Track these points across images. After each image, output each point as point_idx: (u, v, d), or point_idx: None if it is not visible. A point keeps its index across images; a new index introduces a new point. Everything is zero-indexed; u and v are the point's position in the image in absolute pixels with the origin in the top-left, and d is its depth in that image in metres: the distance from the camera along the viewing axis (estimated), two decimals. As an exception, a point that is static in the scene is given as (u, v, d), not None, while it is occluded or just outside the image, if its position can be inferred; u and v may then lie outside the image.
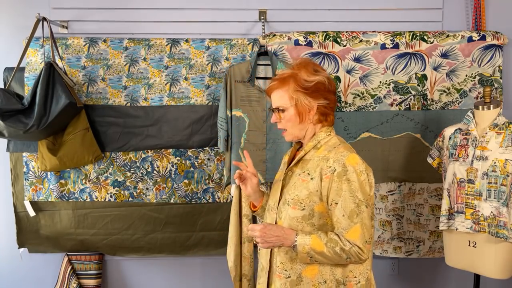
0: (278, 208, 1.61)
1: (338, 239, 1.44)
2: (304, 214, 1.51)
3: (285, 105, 1.57)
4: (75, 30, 2.63)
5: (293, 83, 1.54)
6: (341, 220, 1.45)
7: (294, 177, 1.59)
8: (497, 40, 2.54)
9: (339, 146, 1.54)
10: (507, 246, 1.97)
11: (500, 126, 2.02)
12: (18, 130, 2.29)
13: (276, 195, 1.63)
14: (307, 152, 1.59)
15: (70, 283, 2.64)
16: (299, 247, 1.46)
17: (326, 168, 1.48)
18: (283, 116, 1.58)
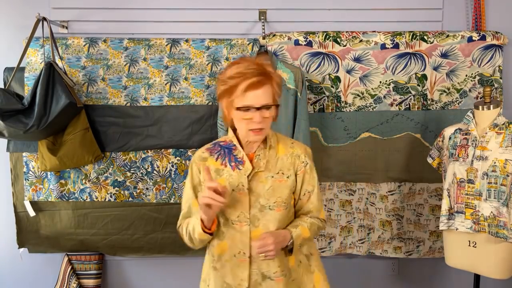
0: (251, 217, 1.50)
1: (314, 221, 1.60)
2: (287, 211, 1.57)
3: (272, 102, 1.46)
4: (75, 30, 2.63)
5: (274, 80, 1.46)
6: (317, 204, 1.61)
7: (266, 181, 1.51)
8: (497, 40, 2.54)
9: (289, 138, 1.69)
10: (507, 246, 1.97)
11: (500, 126, 2.02)
12: (18, 130, 2.29)
13: (242, 206, 1.50)
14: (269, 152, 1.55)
15: (70, 283, 2.64)
16: (295, 242, 1.52)
17: (300, 164, 1.57)
18: (269, 114, 1.45)
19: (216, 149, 1.57)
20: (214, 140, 1.64)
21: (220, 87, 1.45)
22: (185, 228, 1.54)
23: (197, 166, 1.55)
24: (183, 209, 1.59)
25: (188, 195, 1.58)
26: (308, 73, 2.58)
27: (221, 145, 1.58)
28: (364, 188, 2.66)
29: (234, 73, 1.41)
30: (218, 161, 1.54)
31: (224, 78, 1.44)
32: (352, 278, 2.84)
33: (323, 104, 2.61)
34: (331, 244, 2.70)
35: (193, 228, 1.47)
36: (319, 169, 2.62)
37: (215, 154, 1.56)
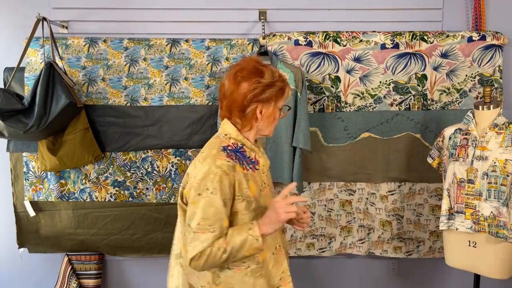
0: None
1: None
2: None
3: None
4: (75, 30, 2.63)
5: None
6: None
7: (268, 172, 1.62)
8: (497, 40, 2.54)
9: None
10: (507, 246, 1.97)
11: (500, 126, 2.02)
12: (18, 130, 2.29)
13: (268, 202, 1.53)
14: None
15: (70, 283, 2.64)
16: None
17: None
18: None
19: (232, 155, 1.46)
20: (219, 146, 1.48)
21: (268, 91, 1.46)
22: (223, 249, 1.36)
23: (229, 178, 1.40)
24: (214, 230, 1.36)
25: (220, 213, 1.38)
26: (308, 73, 2.58)
27: (230, 150, 1.48)
28: (364, 188, 2.66)
29: (277, 76, 1.49)
30: (241, 166, 1.47)
31: (270, 82, 1.47)
32: (352, 278, 2.84)
33: (323, 104, 2.61)
34: (331, 244, 2.70)
35: (241, 245, 1.37)
36: (319, 169, 2.64)
37: (236, 160, 1.46)
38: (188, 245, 1.38)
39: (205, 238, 1.36)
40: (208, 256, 1.36)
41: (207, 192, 1.37)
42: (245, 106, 1.46)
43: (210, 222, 1.37)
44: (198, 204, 1.38)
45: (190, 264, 1.38)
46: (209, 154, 1.44)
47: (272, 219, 1.39)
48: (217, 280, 1.46)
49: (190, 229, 1.39)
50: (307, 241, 2.70)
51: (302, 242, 2.70)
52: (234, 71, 1.49)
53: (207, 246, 1.35)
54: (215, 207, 1.37)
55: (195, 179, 1.41)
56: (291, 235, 2.69)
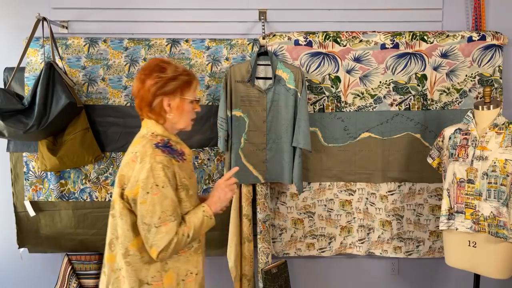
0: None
1: None
2: None
3: None
4: (75, 30, 2.63)
5: None
6: None
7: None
8: (497, 40, 2.54)
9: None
10: (507, 246, 1.97)
11: (500, 126, 2.02)
12: (18, 130, 2.29)
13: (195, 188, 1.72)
14: None
15: (70, 283, 2.64)
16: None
17: None
18: None
19: (165, 150, 1.57)
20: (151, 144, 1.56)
21: (171, 83, 1.57)
22: (186, 234, 1.52)
23: (170, 170, 1.52)
24: (175, 219, 1.50)
25: (175, 202, 1.51)
26: (308, 73, 2.58)
27: (162, 146, 1.57)
28: (364, 188, 2.66)
29: (181, 71, 1.60)
30: (175, 159, 1.59)
31: (172, 75, 1.57)
32: (352, 278, 2.84)
33: (323, 104, 2.61)
34: (331, 244, 2.70)
35: (200, 226, 1.56)
36: (319, 169, 2.64)
37: (169, 154, 1.57)
38: (153, 240, 1.48)
39: (169, 228, 1.48)
40: (176, 244, 1.49)
41: (157, 188, 1.48)
42: (151, 100, 1.58)
43: (169, 213, 1.49)
44: (153, 201, 1.47)
45: (158, 256, 1.49)
46: (145, 154, 1.52)
47: (221, 197, 1.64)
48: (166, 267, 1.58)
49: (149, 226, 1.48)
50: (307, 241, 2.70)
51: (302, 242, 2.70)
52: (139, 71, 1.62)
53: (173, 235, 1.48)
54: (170, 198, 1.49)
55: (140, 179, 1.48)
56: (291, 235, 2.69)
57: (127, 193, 1.53)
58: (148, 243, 1.50)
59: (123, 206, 1.56)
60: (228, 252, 2.53)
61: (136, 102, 1.65)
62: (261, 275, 2.48)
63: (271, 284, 2.46)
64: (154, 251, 1.49)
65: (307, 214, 2.68)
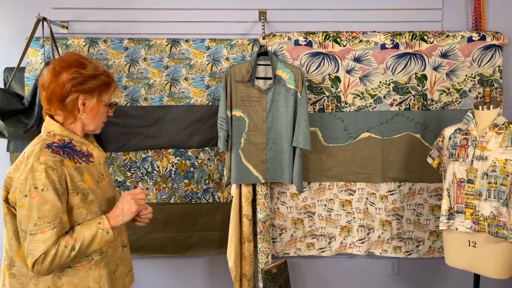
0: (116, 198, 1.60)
1: None
2: None
3: None
4: (75, 30, 2.63)
5: None
6: None
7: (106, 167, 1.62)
8: (497, 40, 2.54)
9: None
10: (507, 246, 1.97)
11: (500, 126, 2.02)
12: (18, 130, 2.29)
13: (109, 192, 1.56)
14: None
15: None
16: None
17: None
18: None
19: (58, 151, 1.41)
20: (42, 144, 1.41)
21: (92, 82, 1.45)
22: (71, 246, 1.33)
23: (57, 172, 1.35)
24: (54, 226, 1.31)
25: (57, 207, 1.33)
26: (308, 73, 2.58)
27: (57, 147, 1.42)
28: (364, 188, 2.66)
29: (101, 71, 1.49)
30: (72, 161, 1.43)
31: (92, 74, 1.46)
32: (352, 278, 2.84)
33: (323, 104, 2.61)
34: (331, 244, 2.70)
35: (91, 240, 1.37)
36: (319, 169, 2.64)
37: (65, 155, 1.42)
38: (28, 250, 1.31)
39: (47, 237, 1.30)
40: (54, 256, 1.31)
41: (36, 190, 1.31)
42: (65, 96, 1.41)
43: (48, 219, 1.31)
44: (31, 205, 1.31)
45: (33, 269, 1.32)
46: (30, 154, 1.37)
47: (125, 210, 1.44)
48: (59, 282, 1.41)
49: (26, 234, 1.32)
50: (307, 241, 2.70)
51: (302, 242, 2.70)
52: (54, 63, 1.46)
53: (51, 245, 1.30)
54: (50, 203, 1.32)
55: (19, 180, 1.34)
56: (291, 235, 2.69)
57: (11, 196, 1.37)
58: (25, 252, 1.33)
59: (7, 211, 1.40)
60: (228, 252, 2.53)
61: (43, 95, 1.44)
62: (261, 275, 2.49)
63: (271, 284, 2.46)
64: (29, 261, 1.31)
65: (307, 214, 2.68)
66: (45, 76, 1.44)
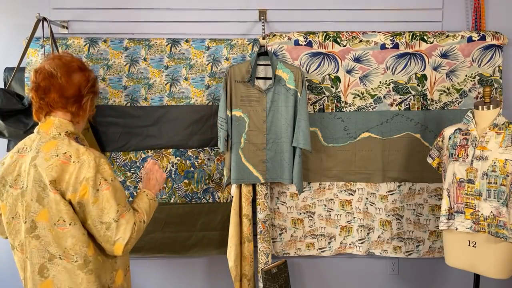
0: None
1: None
2: None
3: None
4: (75, 30, 2.63)
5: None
6: None
7: None
8: (497, 40, 2.54)
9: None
10: (507, 246, 1.98)
11: (500, 126, 2.02)
12: (18, 130, 2.29)
13: None
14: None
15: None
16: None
17: None
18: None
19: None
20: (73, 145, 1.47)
21: (96, 85, 1.60)
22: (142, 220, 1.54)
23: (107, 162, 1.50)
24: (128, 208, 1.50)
25: (123, 192, 1.52)
26: (308, 73, 2.58)
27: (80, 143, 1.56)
28: (364, 188, 2.66)
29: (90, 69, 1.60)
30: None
31: (93, 82, 1.57)
32: (352, 278, 2.84)
33: (323, 104, 2.62)
34: (331, 244, 2.70)
35: (150, 210, 1.61)
36: (319, 169, 2.64)
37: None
38: (116, 235, 1.44)
39: (128, 218, 1.47)
40: (137, 232, 1.50)
41: (106, 182, 1.44)
42: (82, 95, 1.52)
43: (123, 204, 1.49)
44: (107, 196, 1.44)
45: (123, 251, 1.46)
46: (78, 152, 1.44)
47: (158, 179, 1.72)
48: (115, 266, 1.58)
49: (108, 224, 1.43)
50: (307, 241, 2.70)
51: (302, 242, 2.70)
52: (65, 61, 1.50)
53: (133, 223, 1.48)
54: (119, 190, 1.49)
55: (87, 178, 1.41)
56: (291, 235, 2.69)
57: (71, 196, 1.42)
58: (110, 241, 1.44)
59: (71, 210, 1.43)
60: (228, 252, 2.53)
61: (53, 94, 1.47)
62: (261, 275, 2.49)
63: (271, 284, 2.46)
64: (119, 246, 1.44)
65: (307, 214, 2.68)
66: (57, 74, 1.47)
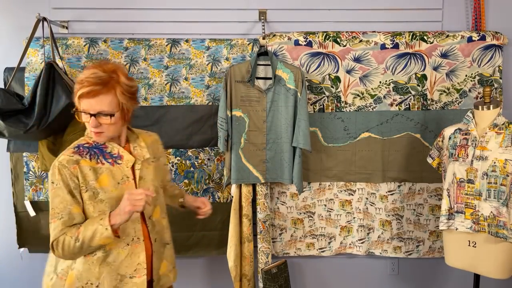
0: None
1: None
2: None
3: (113, 110, 1.51)
4: (75, 30, 2.63)
5: (118, 88, 1.52)
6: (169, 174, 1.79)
7: (150, 166, 1.68)
8: (497, 40, 2.54)
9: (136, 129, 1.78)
10: (507, 246, 1.98)
11: (500, 126, 2.02)
12: (18, 130, 2.29)
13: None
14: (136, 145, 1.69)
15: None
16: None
17: (160, 147, 1.83)
18: (111, 121, 1.52)
19: (83, 151, 1.55)
20: (75, 144, 1.59)
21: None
22: (75, 237, 1.46)
23: (69, 170, 1.50)
24: (61, 217, 1.48)
25: (66, 200, 1.49)
26: (308, 73, 2.58)
27: (86, 147, 1.57)
28: (364, 188, 2.66)
29: (79, 79, 1.49)
30: (93, 161, 1.55)
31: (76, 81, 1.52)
32: (352, 278, 2.84)
33: (323, 104, 2.62)
34: (331, 244, 2.70)
35: (93, 234, 1.46)
36: (319, 169, 2.64)
37: (86, 155, 1.55)
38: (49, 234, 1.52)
39: (56, 225, 1.49)
40: (63, 244, 1.47)
41: (52, 185, 1.51)
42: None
43: (58, 210, 1.49)
44: (50, 197, 1.52)
45: (53, 253, 1.50)
46: (61, 153, 1.56)
47: (121, 209, 1.47)
48: (73, 265, 1.56)
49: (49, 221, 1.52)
50: (307, 241, 2.70)
51: (302, 242, 2.70)
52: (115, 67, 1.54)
53: (59, 233, 1.47)
54: (60, 197, 1.49)
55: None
56: (291, 235, 2.69)
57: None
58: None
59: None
60: (228, 252, 2.53)
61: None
62: (261, 275, 2.49)
63: (271, 284, 2.46)
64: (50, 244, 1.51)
65: (307, 214, 2.68)
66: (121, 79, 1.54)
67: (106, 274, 1.54)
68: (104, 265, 1.54)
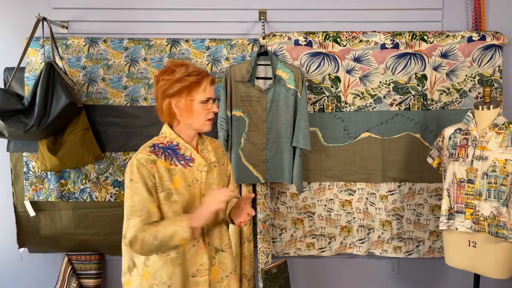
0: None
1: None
2: None
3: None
4: (75, 30, 2.63)
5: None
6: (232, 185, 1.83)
7: (213, 170, 1.69)
8: (497, 40, 2.54)
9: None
10: (507, 246, 1.97)
11: (500, 126, 2.02)
12: (18, 130, 2.29)
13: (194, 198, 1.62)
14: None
15: (70, 283, 2.64)
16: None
17: (222, 152, 1.81)
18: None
19: (159, 151, 1.58)
20: (150, 143, 1.61)
21: (177, 85, 1.56)
22: (154, 236, 1.47)
23: (147, 168, 1.52)
24: (140, 215, 1.49)
25: (145, 199, 1.50)
26: (308, 73, 2.58)
27: (160, 147, 1.60)
28: (364, 188, 2.66)
29: (190, 71, 1.57)
30: (167, 162, 1.58)
31: (179, 77, 1.56)
32: (352, 278, 2.84)
33: (323, 104, 2.61)
34: (331, 244, 2.70)
35: (172, 234, 1.47)
36: (319, 169, 2.64)
37: (161, 155, 1.57)
38: (124, 231, 1.53)
39: (134, 223, 1.49)
40: (142, 241, 1.48)
41: (131, 182, 1.52)
42: (160, 102, 1.61)
43: (137, 208, 1.50)
44: (127, 194, 1.53)
45: (131, 248, 1.51)
46: (137, 151, 1.58)
47: (204, 211, 1.51)
48: (147, 262, 1.58)
49: (125, 217, 1.53)
50: (307, 241, 2.70)
51: (302, 242, 2.70)
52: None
53: (138, 230, 1.48)
54: (140, 195, 1.50)
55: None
56: (291, 235, 2.69)
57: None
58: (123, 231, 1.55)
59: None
60: (228, 252, 2.53)
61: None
62: (261, 275, 2.48)
63: (271, 284, 2.46)
64: (126, 242, 1.52)
65: (307, 214, 2.68)
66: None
67: (177, 274, 1.58)
68: (177, 266, 1.58)
